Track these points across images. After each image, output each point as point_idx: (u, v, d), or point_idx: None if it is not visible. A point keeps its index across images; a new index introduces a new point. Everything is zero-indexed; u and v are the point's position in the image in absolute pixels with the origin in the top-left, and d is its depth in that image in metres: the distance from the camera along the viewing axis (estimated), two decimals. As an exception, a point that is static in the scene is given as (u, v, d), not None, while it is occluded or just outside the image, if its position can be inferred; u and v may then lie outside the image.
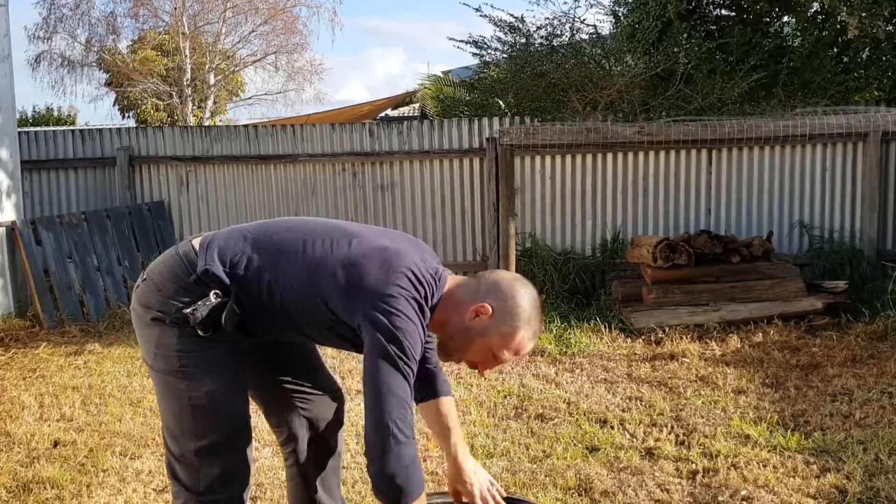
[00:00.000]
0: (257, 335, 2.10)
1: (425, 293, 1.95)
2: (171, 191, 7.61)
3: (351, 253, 1.98)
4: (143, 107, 22.58)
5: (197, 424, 2.02)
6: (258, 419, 2.26)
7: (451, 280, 2.05)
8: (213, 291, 1.96)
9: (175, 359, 2.01)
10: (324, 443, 2.36)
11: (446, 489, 2.25)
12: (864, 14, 7.27)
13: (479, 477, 2.18)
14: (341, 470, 3.45)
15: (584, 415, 4.11)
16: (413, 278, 1.93)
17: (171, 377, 2.03)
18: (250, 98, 23.79)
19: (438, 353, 2.09)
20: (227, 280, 1.98)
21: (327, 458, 2.38)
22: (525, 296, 1.98)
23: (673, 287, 5.92)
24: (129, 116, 24.20)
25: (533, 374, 4.88)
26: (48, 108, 26.39)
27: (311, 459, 2.34)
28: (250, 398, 2.19)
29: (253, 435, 2.14)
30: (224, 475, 2.05)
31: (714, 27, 8.74)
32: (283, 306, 1.99)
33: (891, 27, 7.76)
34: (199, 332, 1.97)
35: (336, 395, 2.39)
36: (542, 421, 4.06)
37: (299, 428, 2.31)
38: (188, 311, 1.95)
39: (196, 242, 2.07)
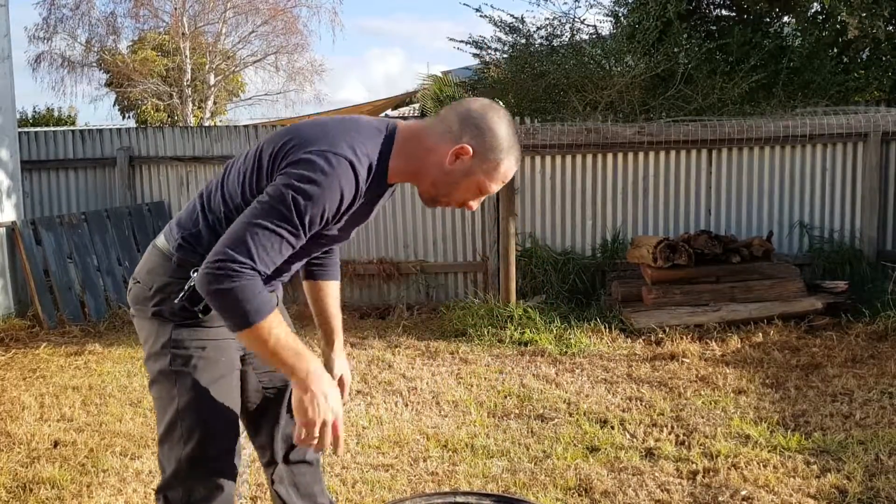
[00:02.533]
0: None
1: (369, 155, 1.86)
2: (171, 191, 7.61)
3: (288, 131, 1.94)
4: (144, 107, 22.58)
5: (187, 431, 2.01)
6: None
7: (404, 126, 1.96)
8: (192, 269, 1.93)
9: (170, 358, 1.99)
10: (301, 458, 2.31)
11: (446, 489, 2.24)
12: (864, 14, 7.28)
13: (344, 377, 2.25)
14: (341, 470, 3.45)
15: (585, 415, 4.11)
16: (352, 142, 1.85)
17: (165, 380, 2.01)
18: (250, 98, 23.81)
19: (424, 201, 2.01)
20: (193, 246, 1.96)
21: (306, 471, 2.33)
22: (501, 124, 1.89)
23: (673, 287, 5.92)
24: (129, 117, 24.22)
25: (533, 374, 4.88)
26: (48, 108, 26.39)
27: (290, 476, 2.30)
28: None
29: (242, 440, 2.13)
30: (212, 485, 2.03)
31: (714, 27, 8.75)
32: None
33: (891, 27, 7.77)
34: (200, 314, 1.96)
35: None
36: (542, 421, 4.06)
37: (279, 450, 2.27)
38: (177, 300, 1.94)
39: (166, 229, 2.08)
